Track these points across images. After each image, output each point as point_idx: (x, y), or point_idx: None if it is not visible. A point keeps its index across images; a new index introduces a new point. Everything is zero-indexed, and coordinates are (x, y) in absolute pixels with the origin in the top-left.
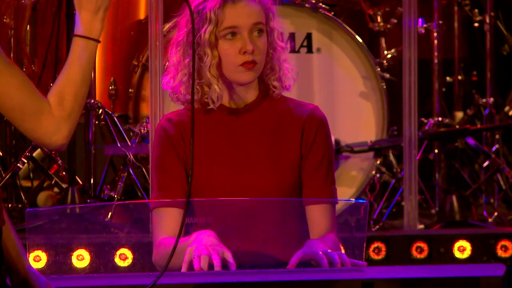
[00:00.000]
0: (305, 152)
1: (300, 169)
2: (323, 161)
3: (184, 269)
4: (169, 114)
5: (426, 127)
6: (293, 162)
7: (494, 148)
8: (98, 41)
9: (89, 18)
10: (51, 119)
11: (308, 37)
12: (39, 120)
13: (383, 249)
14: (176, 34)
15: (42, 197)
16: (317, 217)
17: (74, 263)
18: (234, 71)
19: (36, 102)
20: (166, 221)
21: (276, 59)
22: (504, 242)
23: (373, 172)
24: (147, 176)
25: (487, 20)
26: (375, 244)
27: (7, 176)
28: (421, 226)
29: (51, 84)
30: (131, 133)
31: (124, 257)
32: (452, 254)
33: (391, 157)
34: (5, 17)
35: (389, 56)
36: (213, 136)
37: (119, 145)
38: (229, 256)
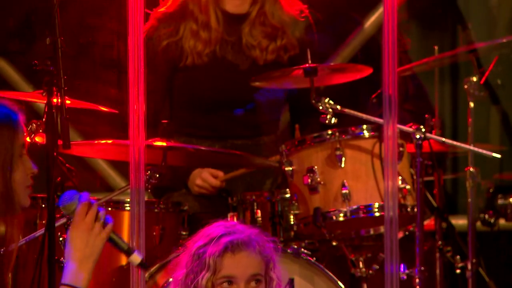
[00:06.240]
0: None
1: None
2: None
3: None
4: None
5: None
6: None
7: None
8: None
9: (76, 268)
10: None
11: (291, 282)
12: None
13: None
14: (176, 272)
15: None
16: None
17: None
18: None
19: None
20: None
21: None
22: None
23: None
24: None
25: (469, 267)
26: None
27: None
28: None
29: None
30: None
31: None
32: None
33: None
34: None
35: None
36: None
37: None
38: None
